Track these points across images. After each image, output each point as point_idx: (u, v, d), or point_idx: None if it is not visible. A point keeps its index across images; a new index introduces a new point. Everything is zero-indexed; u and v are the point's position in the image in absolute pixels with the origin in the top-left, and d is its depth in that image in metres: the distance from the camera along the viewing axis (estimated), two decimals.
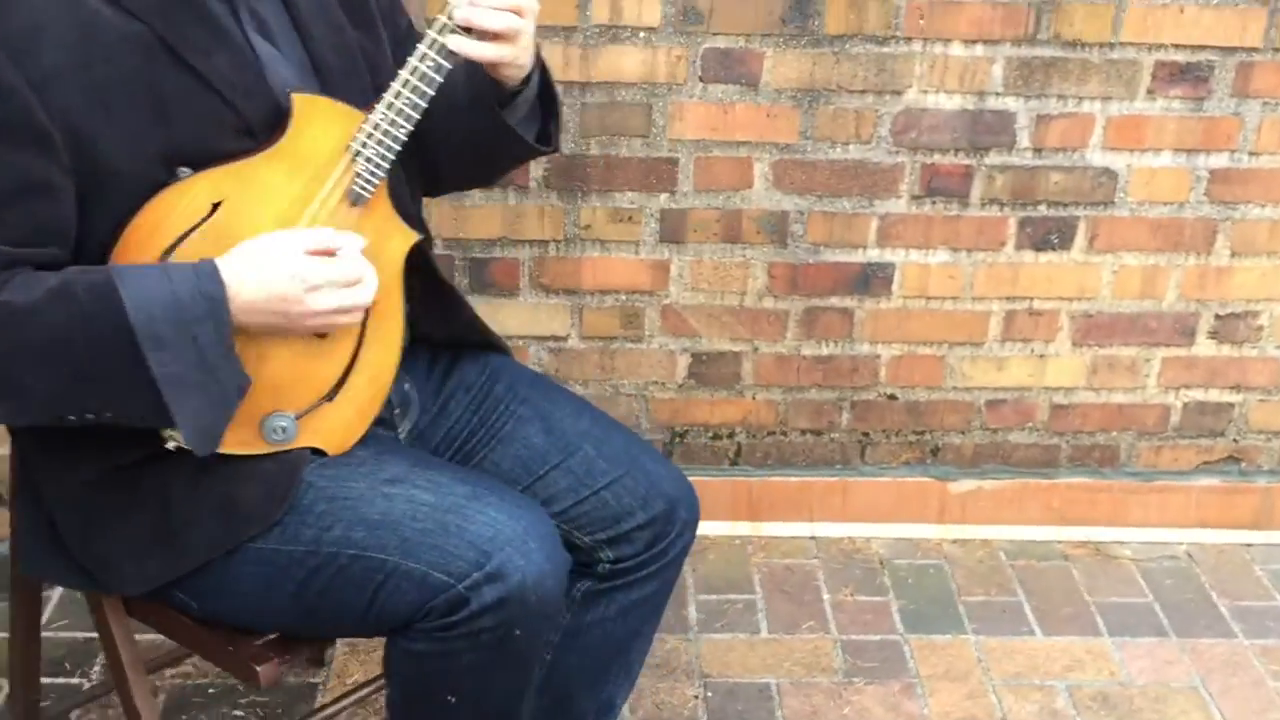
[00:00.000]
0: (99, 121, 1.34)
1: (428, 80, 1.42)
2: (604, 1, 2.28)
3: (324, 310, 1.38)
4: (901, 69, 2.34)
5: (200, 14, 1.40)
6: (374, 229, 1.47)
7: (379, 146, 1.43)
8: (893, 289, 2.51)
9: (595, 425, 1.72)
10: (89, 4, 1.34)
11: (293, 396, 1.47)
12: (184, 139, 1.38)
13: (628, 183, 2.40)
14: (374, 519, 1.43)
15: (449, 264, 2.44)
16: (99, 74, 1.33)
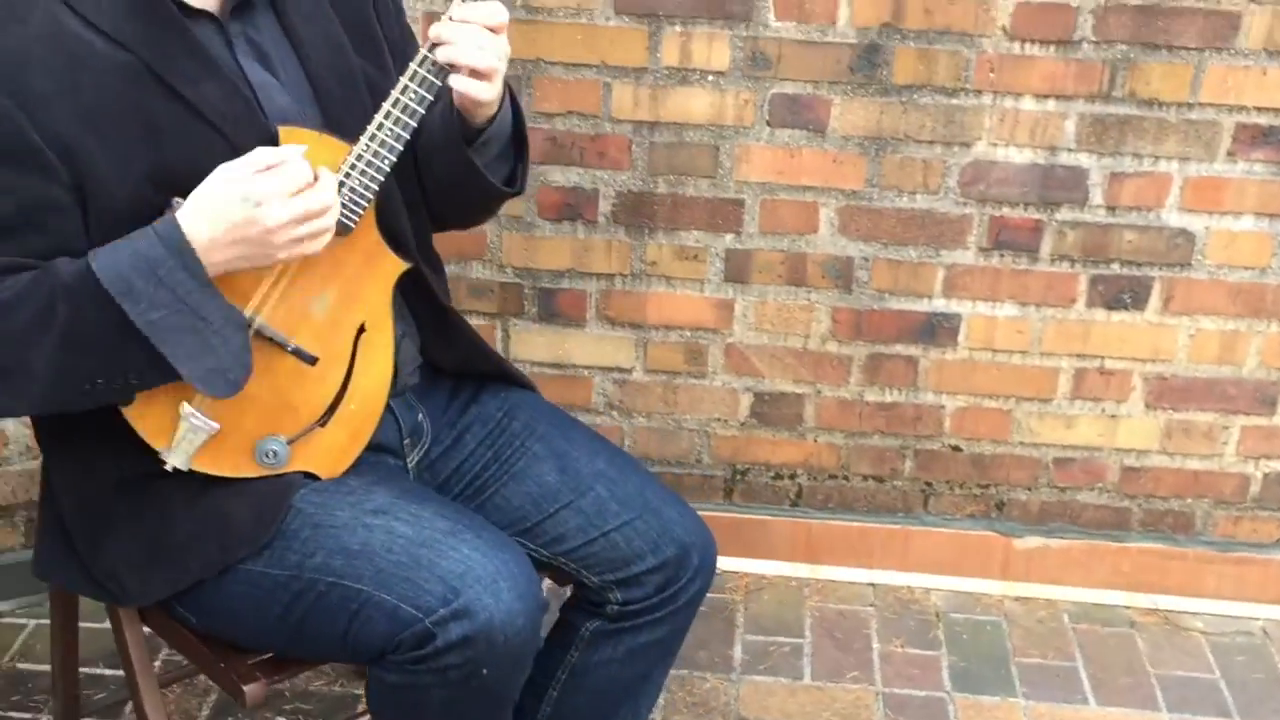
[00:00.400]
0: (90, 143, 1.37)
1: (410, 112, 1.44)
2: (674, 44, 2.33)
3: (282, 223, 1.35)
4: (971, 121, 2.34)
5: (189, 44, 1.43)
6: (362, 258, 1.50)
7: (362, 177, 1.44)
8: (958, 340, 2.49)
9: (610, 466, 1.72)
10: (77, 33, 1.38)
11: (285, 421, 1.51)
12: (175, 163, 1.40)
13: (694, 222, 2.45)
14: (354, 548, 1.45)
15: (517, 292, 2.53)
16: (88, 98, 1.37)
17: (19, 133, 1.35)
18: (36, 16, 1.38)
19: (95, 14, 1.40)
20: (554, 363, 2.58)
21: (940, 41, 2.29)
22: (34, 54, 1.37)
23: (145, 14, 1.42)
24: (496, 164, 1.62)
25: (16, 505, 2.41)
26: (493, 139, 1.58)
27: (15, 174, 1.37)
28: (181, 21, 1.44)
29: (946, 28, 2.28)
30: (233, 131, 1.44)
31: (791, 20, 2.30)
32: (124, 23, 1.41)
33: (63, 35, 1.38)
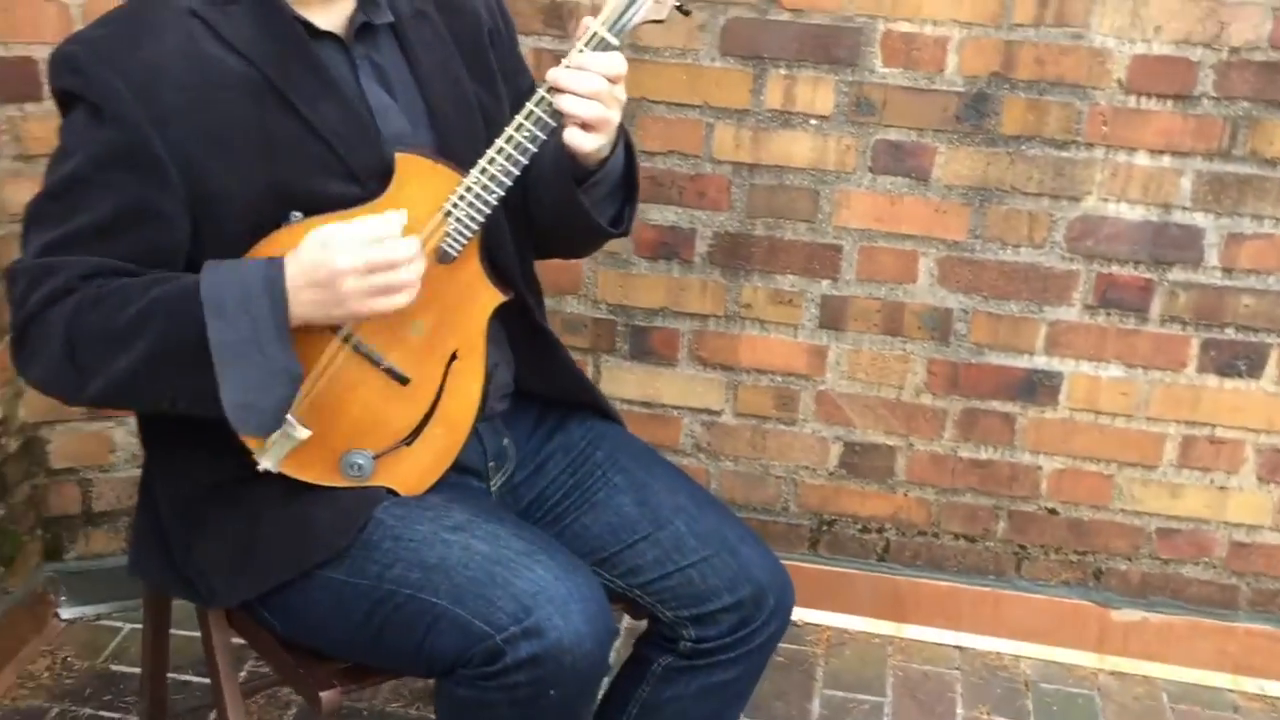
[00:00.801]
0: (213, 157, 1.45)
1: (521, 149, 1.47)
2: (778, 87, 2.32)
3: (352, 268, 1.38)
4: (1081, 174, 2.27)
5: (312, 64, 1.49)
6: (462, 286, 1.53)
7: (469, 209, 1.48)
8: (1059, 399, 2.41)
9: (691, 502, 1.70)
10: (209, 50, 1.46)
11: (372, 437, 1.54)
12: (290, 179, 1.47)
13: (790, 266, 2.42)
14: (431, 562, 1.47)
15: (610, 329, 2.53)
16: (214, 114, 1.44)
17: (144, 142, 1.43)
18: (174, 34, 1.46)
19: (230, 31, 1.47)
20: (643, 401, 2.56)
21: (1052, 92, 2.24)
22: (169, 69, 1.44)
23: (275, 33, 1.49)
24: (605, 203, 1.63)
25: (120, 511, 2.47)
26: (603, 180, 1.59)
27: (128, 177, 1.44)
28: (307, 42, 1.50)
29: (1059, 78, 2.23)
30: (346, 152, 1.49)
31: (898, 67, 2.27)
32: (255, 41, 1.47)
33: (197, 53, 1.46)
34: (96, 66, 1.43)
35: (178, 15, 1.47)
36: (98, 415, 2.39)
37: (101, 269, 1.44)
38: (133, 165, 1.44)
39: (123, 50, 1.44)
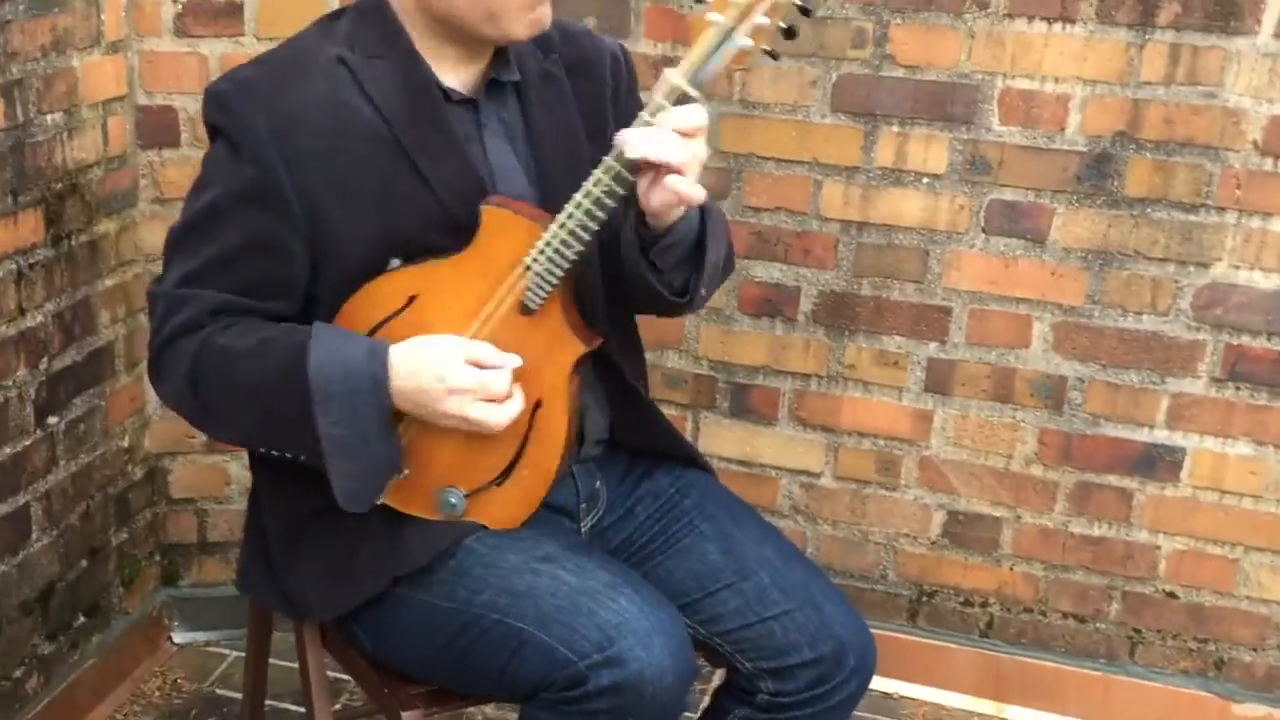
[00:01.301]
0: (333, 203, 1.52)
1: (600, 204, 1.46)
2: (890, 144, 2.25)
3: (454, 414, 1.49)
4: (1210, 240, 2.16)
5: (441, 125, 1.55)
6: (544, 337, 1.54)
7: (549, 263, 1.49)
8: (1181, 476, 2.29)
9: (777, 554, 1.69)
10: (349, 101, 1.53)
11: (465, 476, 1.58)
12: (401, 230, 1.54)
13: (897, 327, 2.35)
14: (519, 589, 1.51)
15: (711, 385, 2.47)
16: (343, 164, 1.52)
17: (277, 183, 1.51)
18: (320, 81, 1.54)
19: (371, 84, 1.54)
20: (741, 460, 2.50)
21: (1181, 153, 2.14)
22: (308, 116, 1.52)
23: (412, 92, 1.55)
24: (679, 270, 1.61)
25: (232, 542, 2.50)
26: (676, 244, 1.57)
27: (258, 212, 1.52)
28: (441, 105, 1.56)
29: (1189, 139, 2.12)
30: (457, 208, 1.54)
31: (1016, 125, 2.19)
32: (393, 97, 1.54)
33: (337, 103, 1.53)
34: (242, 107, 1.52)
35: (328, 62, 1.55)
36: (215, 449, 2.44)
37: (228, 306, 1.54)
38: (263, 202, 1.52)
39: (269, 93, 1.52)
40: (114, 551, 2.37)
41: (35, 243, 2.04)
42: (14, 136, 1.95)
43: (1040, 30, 2.12)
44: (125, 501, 2.39)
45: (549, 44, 1.65)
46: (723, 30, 1.41)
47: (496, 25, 1.52)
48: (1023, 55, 2.14)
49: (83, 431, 2.24)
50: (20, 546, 2.11)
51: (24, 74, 1.95)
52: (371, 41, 1.57)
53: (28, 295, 2.05)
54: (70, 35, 2.04)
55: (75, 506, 2.24)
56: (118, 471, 2.35)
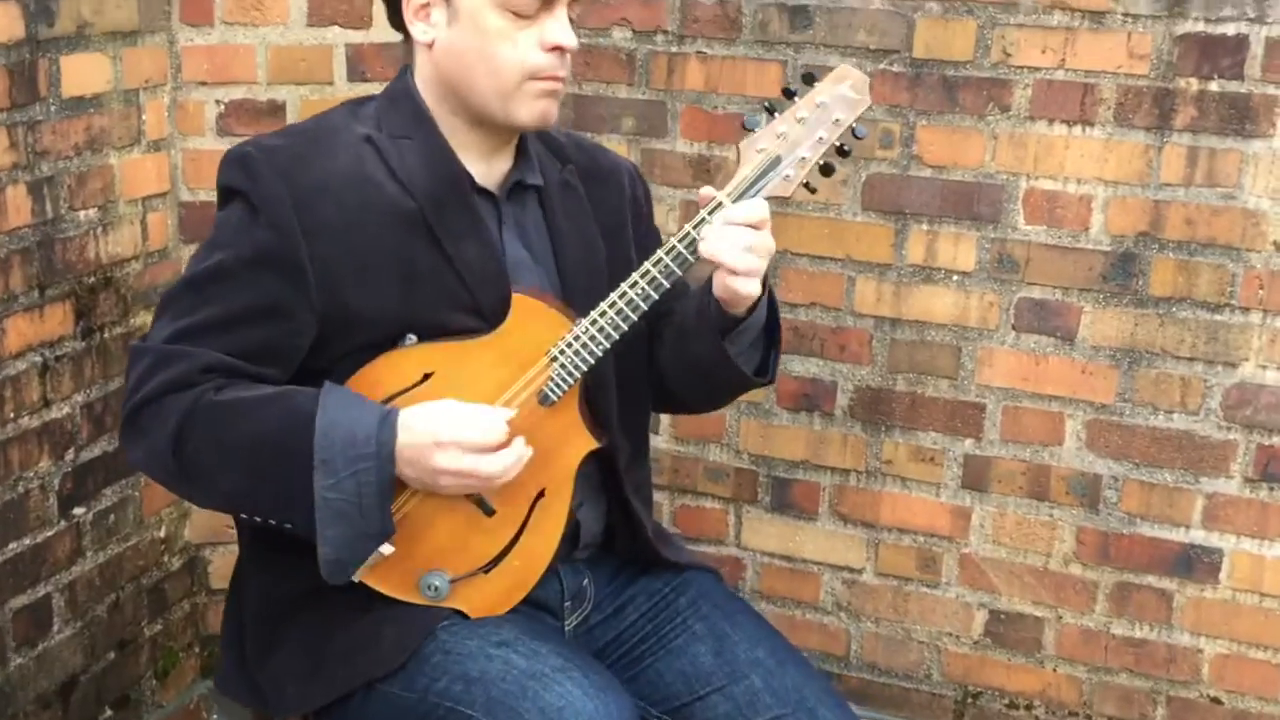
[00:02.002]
0: (351, 278, 1.58)
1: (633, 306, 1.57)
2: (920, 242, 2.37)
3: (444, 469, 1.52)
4: (1237, 339, 2.22)
5: (465, 205, 1.64)
6: (558, 429, 1.61)
7: (575, 356, 1.58)
8: (1220, 578, 2.31)
9: (771, 656, 1.72)
10: (374, 177, 1.61)
11: (452, 560, 1.62)
12: (421, 308, 1.60)
13: (932, 423, 2.43)
14: (473, 675, 1.55)
15: (752, 480, 2.57)
16: (365, 238, 1.59)
17: (293, 250, 1.57)
18: (346, 156, 1.63)
19: (397, 162, 1.63)
20: (784, 555, 2.60)
21: (1203, 254, 2.21)
22: (332, 188, 1.60)
23: (439, 174, 1.64)
24: (748, 353, 1.70)
25: None
26: (748, 329, 1.66)
27: (269, 277, 1.58)
28: (466, 186, 1.66)
29: (1210, 240, 2.20)
30: (477, 288, 1.62)
31: (1041, 224, 2.29)
32: (418, 175, 1.63)
33: (363, 178, 1.61)
34: (267, 173, 1.58)
35: (354, 140, 1.64)
36: None
37: (220, 365, 1.56)
38: (276, 268, 1.57)
39: (295, 163, 1.60)
40: (147, 643, 2.47)
41: (63, 335, 2.18)
42: (42, 232, 2.11)
43: (1061, 132, 2.23)
44: (161, 592, 2.49)
45: (564, 154, 1.78)
46: (772, 159, 1.57)
47: (504, 106, 1.61)
48: (1045, 156, 2.25)
49: (113, 522, 2.35)
50: (40, 638, 2.19)
51: (55, 171, 2.12)
52: (399, 124, 1.66)
53: (54, 387, 2.17)
54: (107, 135, 2.23)
55: (103, 597, 2.34)
56: (152, 562, 2.47)
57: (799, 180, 1.58)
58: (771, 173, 1.57)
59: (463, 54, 1.62)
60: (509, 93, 1.61)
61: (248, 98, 2.42)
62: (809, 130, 1.58)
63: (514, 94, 1.61)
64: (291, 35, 2.41)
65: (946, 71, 2.29)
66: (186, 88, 2.39)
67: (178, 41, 2.37)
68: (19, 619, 2.15)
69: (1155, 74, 2.18)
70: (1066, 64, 2.22)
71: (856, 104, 1.59)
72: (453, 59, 1.63)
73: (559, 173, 1.76)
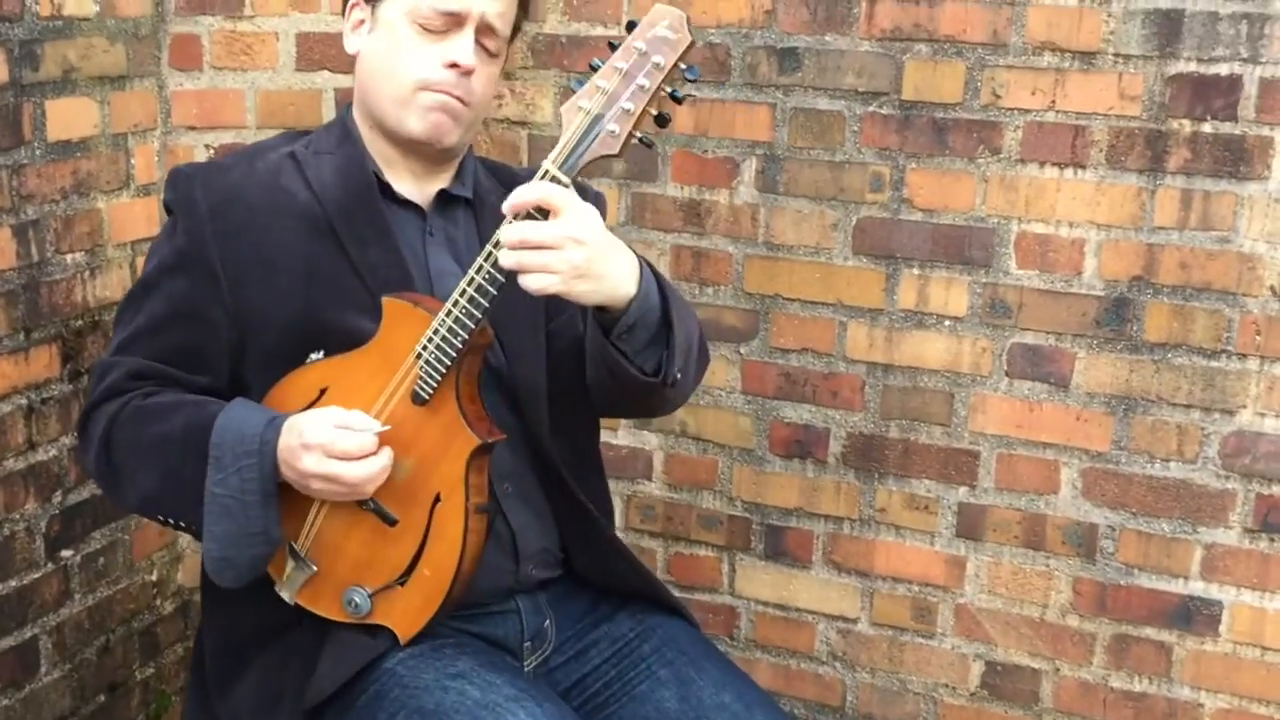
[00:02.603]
0: (258, 277, 1.66)
1: (482, 291, 1.54)
2: (911, 287, 2.35)
3: (310, 472, 1.55)
4: (1234, 386, 2.18)
5: (373, 216, 1.70)
6: (440, 429, 1.61)
7: (437, 351, 1.58)
8: (1220, 630, 2.27)
9: (737, 700, 1.71)
10: (288, 186, 1.70)
11: (369, 574, 1.65)
12: (320, 309, 1.66)
13: (926, 470, 2.41)
14: (428, 708, 1.57)
15: (745, 527, 2.55)
16: (273, 240, 1.66)
17: (203, 253, 1.66)
18: (264, 166, 1.73)
19: (312, 173, 1.72)
20: (778, 603, 2.57)
21: (1198, 299, 2.18)
22: (247, 192, 1.69)
23: (350, 183, 1.72)
24: (649, 352, 1.64)
25: None
26: (636, 326, 1.60)
27: (184, 281, 1.67)
28: (376, 197, 1.72)
29: (1205, 284, 2.17)
30: (379, 291, 1.64)
31: (1033, 269, 2.27)
32: (329, 185, 1.71)
33: (277, 186, 1.71)
34: (189, 184, 1.69)
35: (278, 155, 1.74)
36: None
37: (148, 371, 1.66)
38: (188, 272, 1.66)
39: (215, 174, 1.71)
40: (138, 686, 2.49)
41: (49, 378, 2.22)
42: (27, 275, 2.14)
43: (1052, 175, 2.21)
44: (153, 635, 2.52)
45: (513, 180, 1.75)
46: (593, 116, 1.50)
47: (398, 113, 1.69)
48: (1036, 199, 2.23)
49: (103, 565, 2.38)
50: (27, 680, 2.21)
51: (40, 215, 2.16)
52: (326, 142, 1.76)
53: (39, 429, 2.20)
54: (95, 178, 2.27)
55: (93, 640, 2.36)
56: (144, 605, 2.49)
57: (625, 134, 1.49)
58: (593, 131, 1.49)
59: (373, 60, 1.72)
60: (403, 100, 1.69)
61: (237, 141, 2.44)
62: (628, 80, 1.48)
63: (408, 102, 1.69)
64: (280, 79, 2.43)
65: (936, 114, 2.28)
66: (176, 132, 2.41)
67: (167, 86, 2.39)
68: (5, 661, 2.16)
69: (1147, 115, 2.16)
70: (1057, 105, 2.21)
71: (677, 43, 1.48)
72: (366, 67, 1.74)
73: (499, 191, 1.73)
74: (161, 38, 2.37)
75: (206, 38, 2.39)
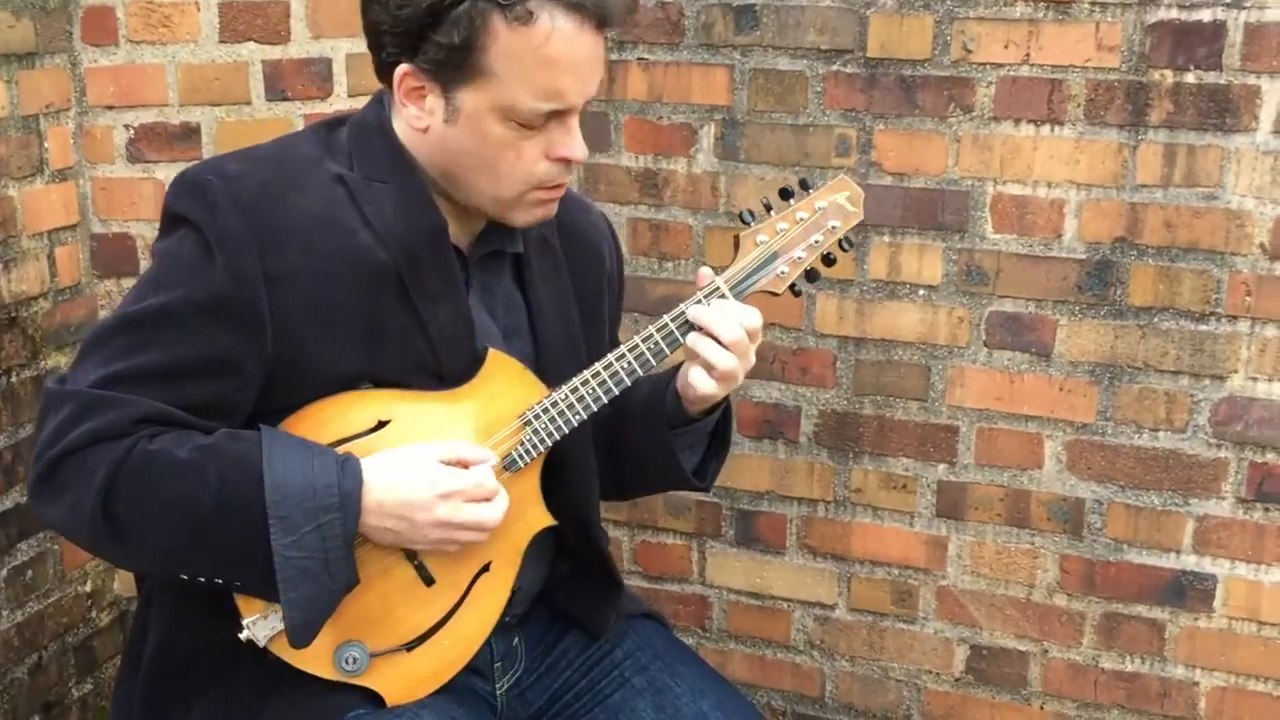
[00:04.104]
0: (313, 331, 1.42)
1: (616, 379, 1.51)
2: (882, 256, 2.24)
3: (449, 521, 1.41)
4: (1224, 350, 2.09)
5: (442, 263, 1.49)
6: (516, 500, 1.49)
7: (550, 423, 1.50)
8: (1214, 605, 2.18)
9: (717, 708, 1.62)
10: (346, 222, 1.44)
11: (377, 632, 1.48)
12: (384, 370, 1.46)
13: (903, 448, 2.30)
14: None
15: (715, 513, 2.44)
16: (330, 289, 1.42)
17: (251, 299, 1.40)
18: (317, 194, 1.45)
19: (372, 210, 1.46)
20: (751, 591, 2.46)
21: (1185, 259, 2.08)
22: (301, 229, 1.42)
23: (416, 224, 1.48)
24: (688, 452, 1.65)
25: None
26: (697, 430, 1.62)
27: (222, 328, 1.40)
28: (446, 243, 1.51)
29: (1192, 244, 2.07)
30: (445, 352, 1.49)
31: (1011, 233, 2.16)
32: (393, 227, 1.47)
33: (333, 221, 1.44)
34: (228, 205, 1.40)
35: (325, 177, 1.46)
36: None
37: (159, 417, 1.39)
38: (231, 318, 1.40)
39: (260, 197, 1.42)
40: (75, 704, 2.37)
41: None
42: None
43: (1028, 133, 2.11)
44: (89, 650, 2.38)
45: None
46: (771, 253, 1.56)
47: (501, 211, 1.50)
48: (1012, 159, 2.12)
49: (31, 578, 2.24)
50: None
51: None
52: (373, 163, 1.49)
53: None
54: (4, 164, 2.10)
55: (24, 658, 2.23)
56: (79, 618, 2.36)
57: (790, 279, 1.57)
58: (768, 266, 1.56)
59: (460, 155, 1.47)
60: (509, 201, 1.49)
61: (159, 120, 2.28)
62: (805, 232, 1.57)
63: (514, 202, 1.50)
64: (203, 53, 2.27)
65: (904, 71, 2.16)
66: (93, 112, 2.25)
67: (81, 63, 2.23)
68: None
69: (1127, 67, 2.05)
70: (1031, 59, 2.09)
71: (851, 216, 1.59)
72: (448, 156, 1.48)
73: (537, 229, 1.60)
74: (72, 10, 2.21)
75: (121, 9, 2.22)
